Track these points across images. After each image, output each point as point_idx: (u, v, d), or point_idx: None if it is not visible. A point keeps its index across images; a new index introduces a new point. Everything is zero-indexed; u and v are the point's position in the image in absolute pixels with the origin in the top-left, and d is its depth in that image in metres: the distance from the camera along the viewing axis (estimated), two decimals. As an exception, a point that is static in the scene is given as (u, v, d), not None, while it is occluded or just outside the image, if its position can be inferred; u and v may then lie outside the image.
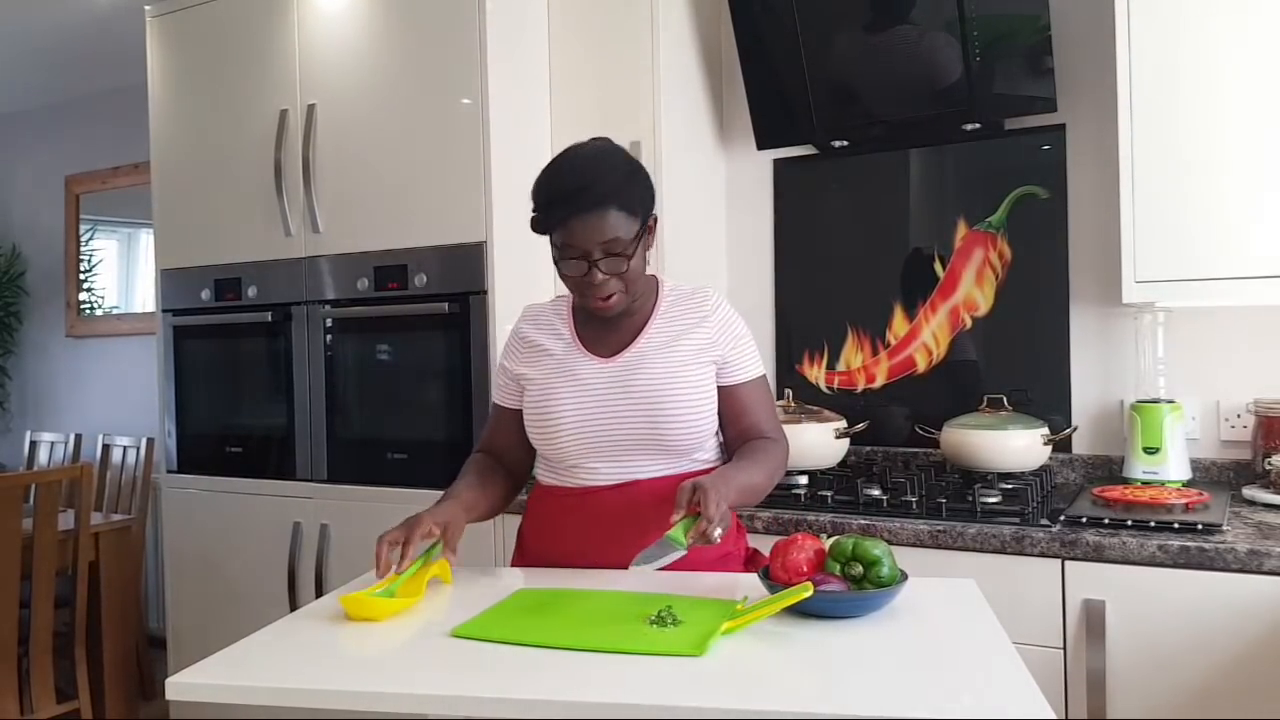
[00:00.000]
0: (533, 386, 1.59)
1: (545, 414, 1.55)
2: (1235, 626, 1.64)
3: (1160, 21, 1.94)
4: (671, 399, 1.52)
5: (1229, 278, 1.90)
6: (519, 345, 1.64)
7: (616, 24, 2.42)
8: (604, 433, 1.53)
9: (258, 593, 2.63)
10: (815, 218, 2.63)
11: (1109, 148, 2.18)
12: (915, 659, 1.12)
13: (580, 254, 1.46)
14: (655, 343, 1.57)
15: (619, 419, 1.52)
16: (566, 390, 1.55)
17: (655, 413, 1.51)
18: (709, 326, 1.58)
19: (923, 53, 2.26)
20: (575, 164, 1.49)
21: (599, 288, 1.48)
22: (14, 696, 2.66)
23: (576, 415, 1.53)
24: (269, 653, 1.21)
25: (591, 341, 1.59)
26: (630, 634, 1.18)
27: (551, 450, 1.57)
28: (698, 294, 1.63)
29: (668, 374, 1.53)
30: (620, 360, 1.56)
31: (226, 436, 2.74)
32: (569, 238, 1.46)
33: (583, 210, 1.44)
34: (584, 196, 1.44)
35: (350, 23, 2.49)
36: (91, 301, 4.60)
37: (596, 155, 1.51)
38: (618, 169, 1.49)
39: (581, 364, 1.56)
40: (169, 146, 2.84)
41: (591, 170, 1.47)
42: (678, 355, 1.55)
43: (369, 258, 2.47)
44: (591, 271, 1.47)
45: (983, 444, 2.15)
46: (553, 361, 1.58)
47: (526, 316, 1.68)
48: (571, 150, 1.53)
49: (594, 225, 1.44)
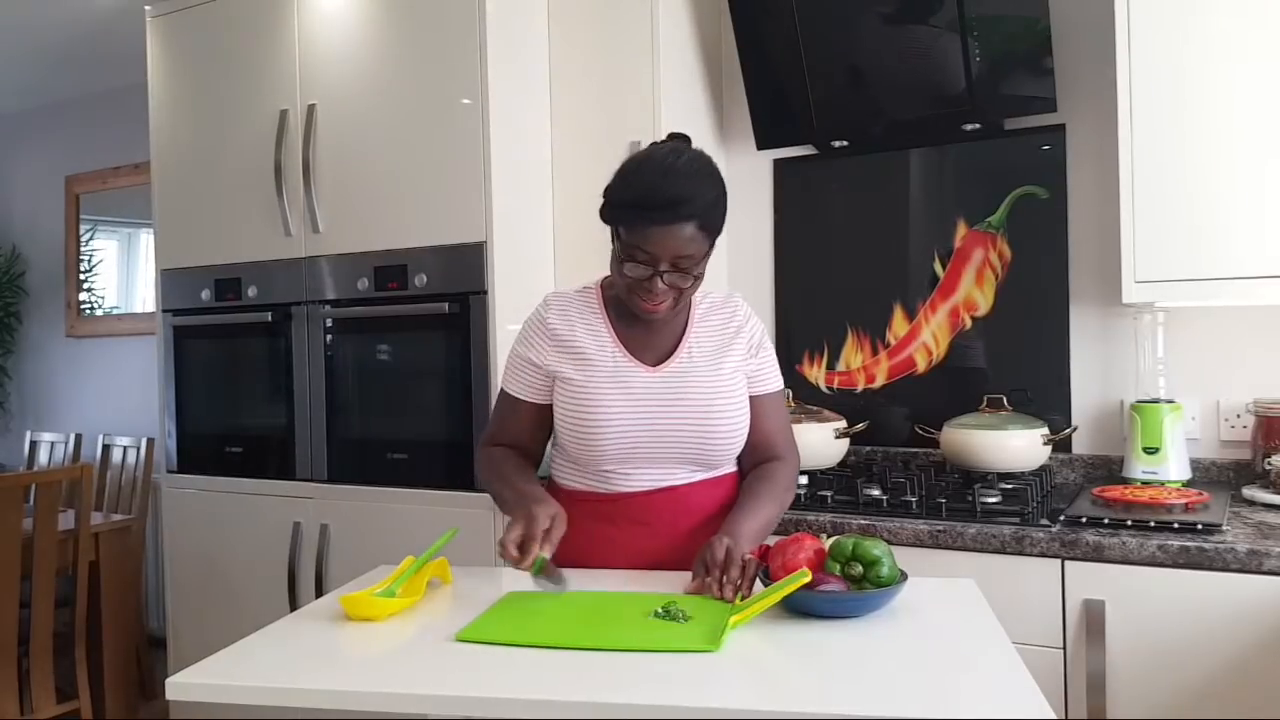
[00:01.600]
0: (572, 387, 1.54)
1: (589, 418, 1.51)
2: (1235, 626, 1.64)
3: (1160, 21, 1.94)
4: (720, 411, 1.53)
5: (1229, 278, 1.90)
6: (545, 337, 1.57)
7: (616, 24, 2.42)
8: (648, 442, 1.52)
9: (258, 593, 2.63)
10: (815, 218, 2.63)
11: (1109, 148, 2.18)
12: (915, 659, 1.12)
13: (649, 260, 1.43)
14: (698, 353, 1.56)
15: (667, 430, 1.51)
16: (615, 397, 1.51)
17: (704, 425, 1.51)
18: (744, 338, 1.60)
19: (923, 53, 2.26)
20: (675, 172, 1.42)
21: (655, 295, 1.46)
22: (14, 696, 2.65)
23: (622, 422, 1.51)
24: (269, 653, 1.21)
25: (633, 345, 1.56)
26: (640, 631, 1.18)
27: (588, 454, 1.54)
28: (729, 303, 1.63)
29: (716, 387, 1.54)
30: (669, 370, 1.54)
31: (226, 436, 2.74)
32: (644, 243, 1.42)
33: (668, 222, 1.40)
34: (676, 210, 1.40)
35: (350, 23, 2.49)
36: (91, 301, 4.60)
37: (696, 169, 1.45)
38: (712, 189, 1.45)
39: (628, 370, 1.53)
40: (169, 146, 2.84)
41: (690, 185, 1.42)
42: (723, 368, 1.56)
43: (369, 258, 2.47)
44: (654, 279, 1.44)
45: (983, 444, 2.15)
46: (594, 363, 1.54)
47: (552, 306, 1.60)
48: (667, 153, 1.46)
49: (675, 238, 1.41)
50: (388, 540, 2.42)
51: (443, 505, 2.35)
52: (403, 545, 1.75)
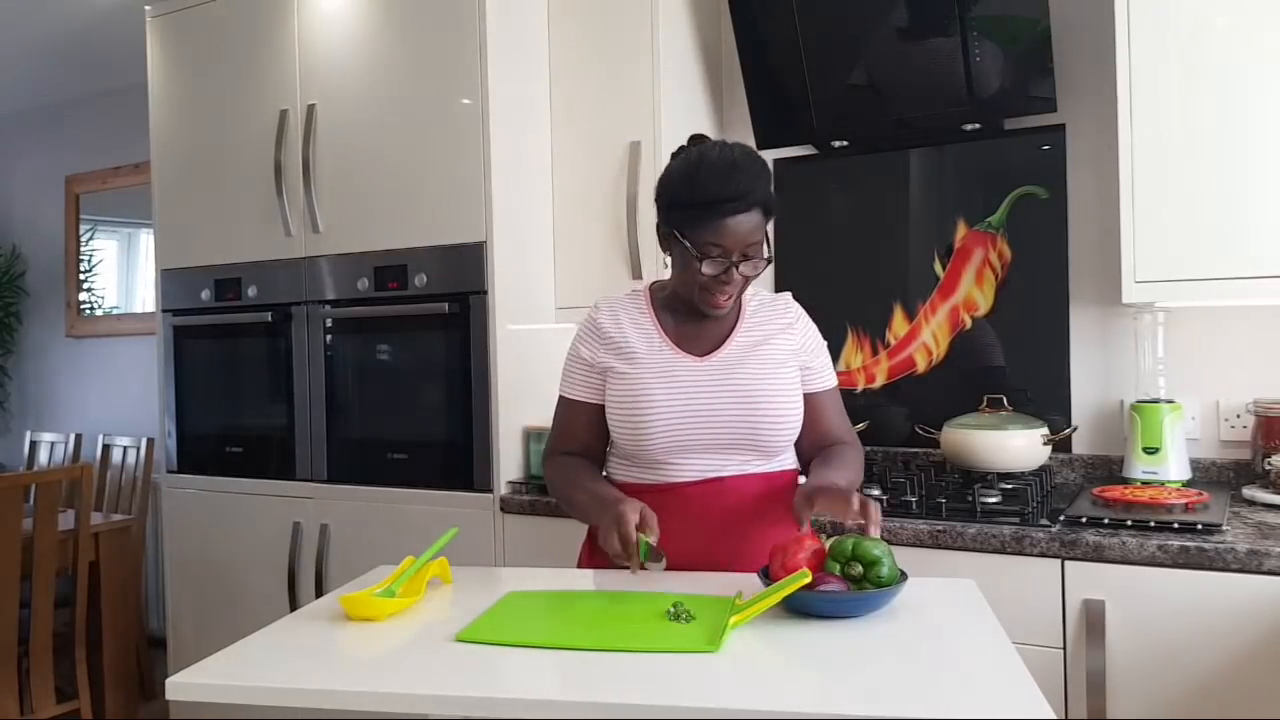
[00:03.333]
0: (620, 381, 1.57)
1: (637, 409, 1.54)
2: (1235, 626, 1.64)
3: (1160, 21, 1.94)
4: (768, 397, 1.54)
5: (1229, 278, 1.90)
6: (597, 337, 1.61)
7: (616, 24, 2.42)
8: (698, 430, 1.53)
9: (258, 593, 2.63)
10: (815, 218, 2.63)
11: (1109, 148, 2.18)
12: (915, 659, 1.12)
13: (724, 253, 1.47)
14: (746, 343, 1.59)
15: (715, 417, 1.53)
16: (660, 387, 1.54)
17: (752, 411, 1.53)
18: (795, 333, 1.62)
19: (923, 53, 2.26)
20: (737, 167, 1.48)
21: (730, 287, 1.50)
22: (14, 696, 2.65)
23: (670, 412, 1.53)
24: (269, 653, 1.21)
25: (681, 339, 1.59)
26: (640, 631, 1.19)
27: (639, 447, 1.55)
28: (780, 300, 1.67)
29: (763, 373, 1.56)
30: (716, 359, 1.57)
31: (226, 436, 2.74)
32: (719, 238, 1.46)
33: (741, 211, 1.46)
34: (746, 198, 1.46)
35: (350, 23, 2.49)
36: (91, 301, 4.60)
37: (748, 158, 1.51)
38: (768, 175, 1.52)
39: (675, 361, 1.57)
40: (169, 146, 2.84)
41: (748, 174, 1.48)
42: (771, 357, 1.58)
43: (369, 258, 2.47)
44: (730, 271, 1.49)
45: (983, 444, 2.15)
46: (643, 356, 1.57)
47: (603, 308, 1.65)
48: (718, 150, 1.51)
49: (747, 227, 1.47)
50: (388, 540, 2.42)
51: (443, 505, 2.35)
52: (403, 545, 1.75)
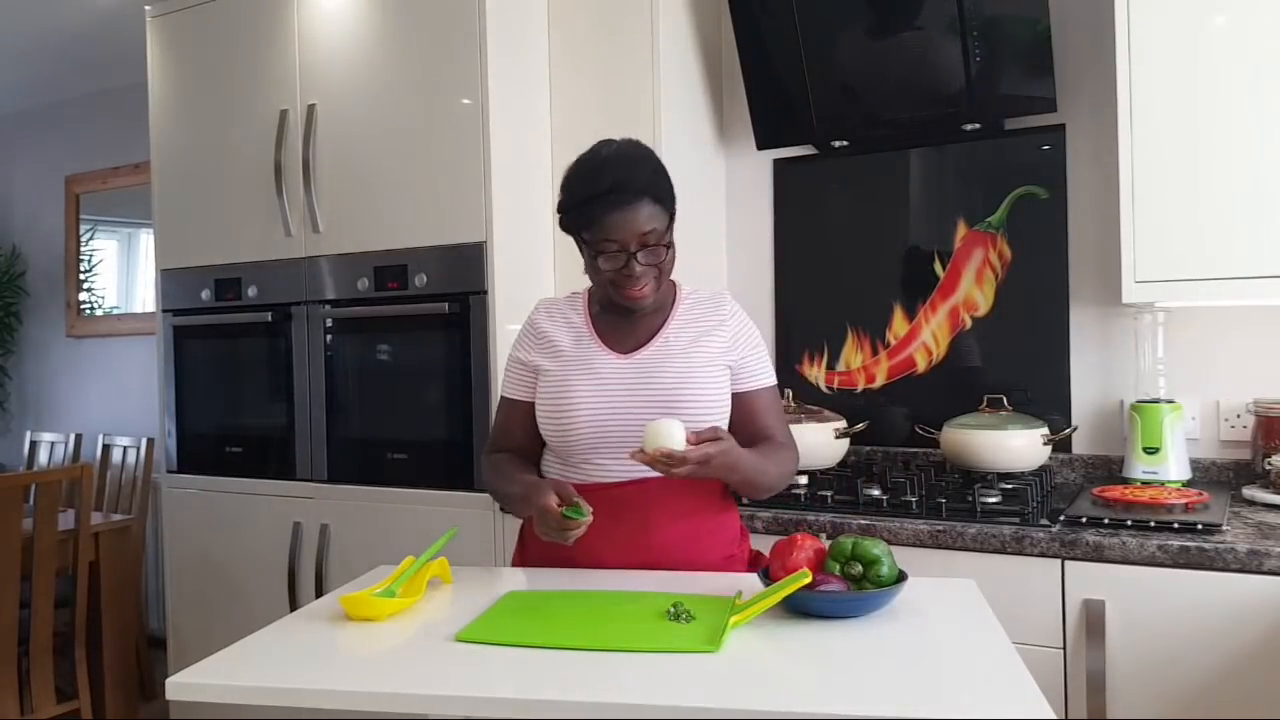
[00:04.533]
0: (547, 378, 1.60)
1: (560, 405, 1.55)
2: (1235, 626, 1.64)
3: (1160, 21, 1.94)
4: (689, 399, 1.53)
5: (1229, 278, 1.90)
6: (533, 336, 1.65)
7: (616, 24, 2.42)
8: (619, 428, 1.53)
9: (258, 593, 2.63)
10: (815, 218, 2.63)
11: (1109, 148, 2.18)
12: (915, 659, 1.12)
13: (619, 247, 1.50)
14: (674, 343, 1.59)
15: (635, 415, 1.52)
16: (582, 383, 1.55)
17: (673, 408, 1.52)
18: (725, 330, 1.61)
19: (923, 53, 2.26)
20: (610, 160, 1.53)
21: (637, 279, 1.52)
22: (14, 696, 2.65)
23: (592, 408, 1.54)
24: (269, 653, 1.21)
25: (609, 336, 1.61)
26: (640, 631, 1.19)
27: (563, 443, 1.57)
28: (715, 298, 1.66)
29: (686, 374, 1.55)
30: (639, 357, 1.57)
31: (226, 436, 2.74)
32: (608, 232, 1.50)
33: (622, 204, 1.49)
34: (623, 191, 1.49)
35: (350, 23, 2.49)
36: (91, 301, 4.60)
37: (628, 151, 1.56)
38: (648, 163, 1.55)
39: (599, 357, 1.58)
40: (169, 146, 2.84)
41: (626, 166, 1.52)
42: (697, 357, 1.57)
43: (369, 258, 2.47)
44: (630, 263, 1.51)
45: (983, 444, 2.15)
46: (568, 353, 1.59)
47: (540, 309, 1.69)
48: (601, 148, 1.57)
49: (632, 218, 1.49)
50: (388, 540, 2.42)
51: (443, 505, 2.35)
52: (403, 545, 1.75)
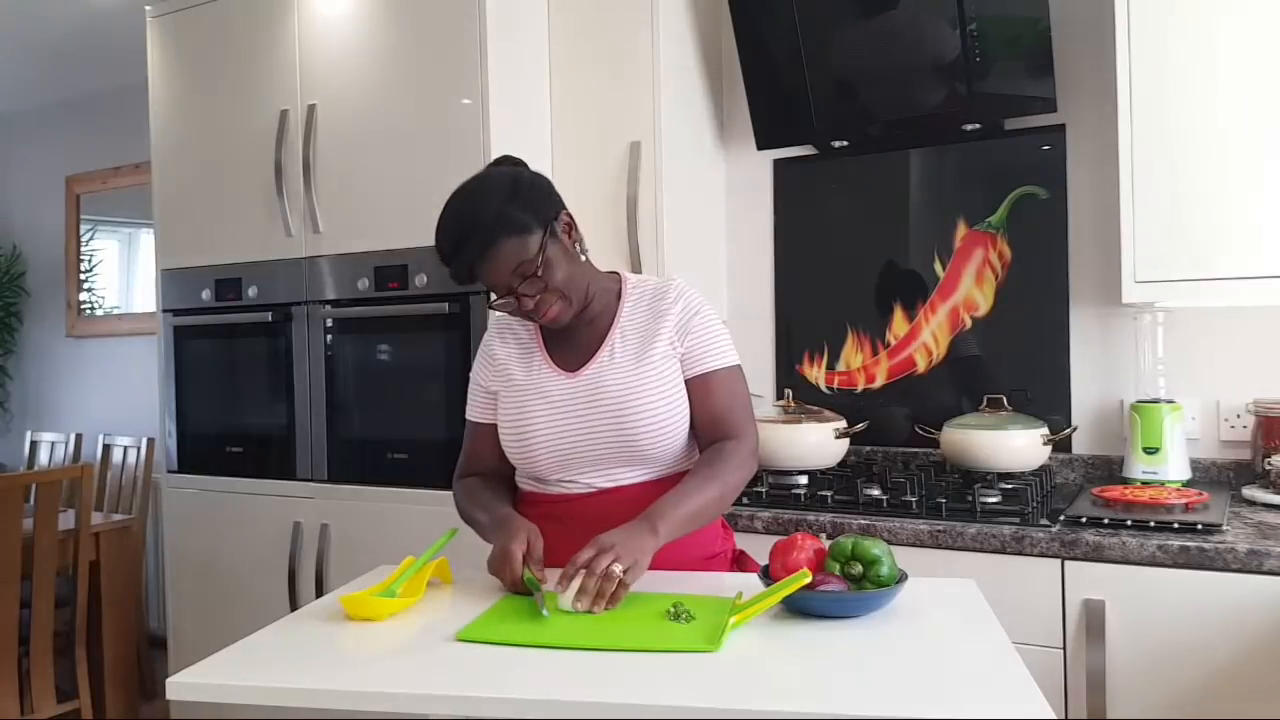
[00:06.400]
0: (504, 402, 1.58)
1: (519, 431, 1.54)
2: (1235, 626, 1.64)
3: (1160, 21, 1.94)
4: (638, 410, 1.50)
5: (1229, 278, 1.90)
6: (489, 361, 1.63)
7: (616, 24, 2.42)
8: (577, 447, 1.52)
9: (258, 593, 2.63)
10: (815, 218, 2.63)
11: (1109, 148, 2.18)
12: (915, 659, 1.12)
13: (502, 290, 1.47)
14: (619, 353, 1.54)
15: (590, 433, 1.51)
16: (538, 407, 1.53)
17: (623, 424, 1.50)
18: (669, 321, 1.54)
19: (923, 53, 2.26)
20: (454, 213, 1.47)
21: (539, 308, 1.48)
22: (14, 696, 2.66)
23: (549, 432, 1.52)
24: (269, 653, 1.21)
25: (559, 353, 1.58)
26: (640, 631, 1.19)
27: (528, 466, 1.57)
28: (660, 289, 1.58)
29: (634, 384, 1.51)
30: (585, 374, 1.54)
31: (226, 436, 2.74)
32: (482, 280, 1.47)
33: (474, 255, 1.43)
34: (470, 242, 1.43)
35: (350, 23, 2.49)
36: (92, 301, 4.60)
37: (469, 195, 1.48)
38: (491, 197, 1.45)
39: (550, 380, 1.55)
40: (169, 146, 2.84)
41: (468, 214, 1.45)
42: (644, 362, 1.53)
43: (369, 258, 2.47)
44: (521, 301, 1.47)
45: (983, 444, 2.15)
46: (519, 379, 1.57)
47: (493, 328, 1.66)
48: (451, 198, 1.49)
49: (492, 267, 1.44)
50: (388, 540, 2.42)
51: (443, 505, 2.34)
52: (403, 545, 1.75)
